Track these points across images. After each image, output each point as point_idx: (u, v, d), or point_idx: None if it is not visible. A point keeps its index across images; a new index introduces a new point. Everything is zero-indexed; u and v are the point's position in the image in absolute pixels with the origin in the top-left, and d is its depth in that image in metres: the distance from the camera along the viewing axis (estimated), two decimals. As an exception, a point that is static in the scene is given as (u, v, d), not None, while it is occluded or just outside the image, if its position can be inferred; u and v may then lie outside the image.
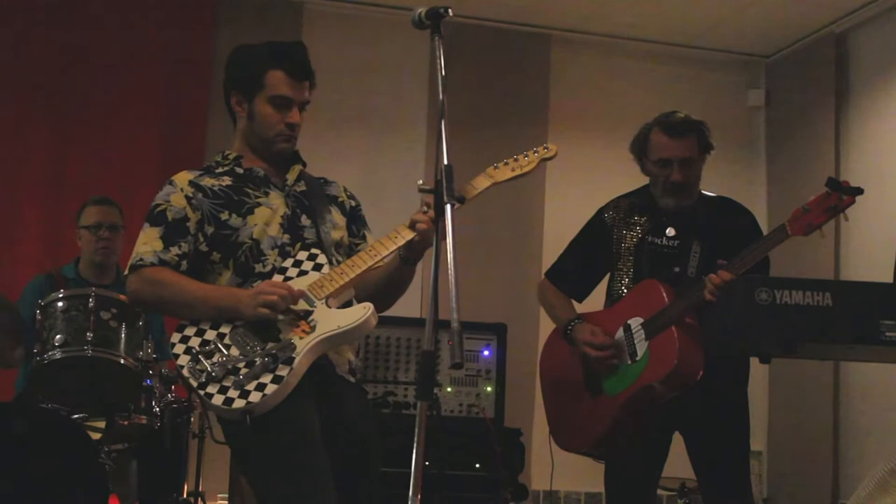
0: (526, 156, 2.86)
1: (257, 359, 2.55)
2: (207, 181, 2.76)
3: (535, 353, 4.49)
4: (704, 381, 3.24)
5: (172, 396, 4.11)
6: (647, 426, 3.41)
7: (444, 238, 2.23)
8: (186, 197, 2.72)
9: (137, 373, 3.86)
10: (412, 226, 2.63)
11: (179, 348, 2.61)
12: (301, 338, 2.53)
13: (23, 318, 4.04)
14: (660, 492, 4.01)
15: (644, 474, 3.50)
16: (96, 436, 3.85)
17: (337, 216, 2.90)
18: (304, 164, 2.85)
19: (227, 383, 2.53)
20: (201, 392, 2.54)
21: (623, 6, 5.64)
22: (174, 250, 2.70)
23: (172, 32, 5.52)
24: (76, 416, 3.82)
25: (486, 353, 4.47)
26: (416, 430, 2.13)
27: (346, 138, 5.53)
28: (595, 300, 3.67)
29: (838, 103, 5.69)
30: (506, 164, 2.84)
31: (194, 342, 2.61)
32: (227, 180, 2.78)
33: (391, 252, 2.68)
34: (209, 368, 2.55)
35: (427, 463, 2.34)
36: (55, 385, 3.87)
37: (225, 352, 2.57)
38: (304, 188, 2.77)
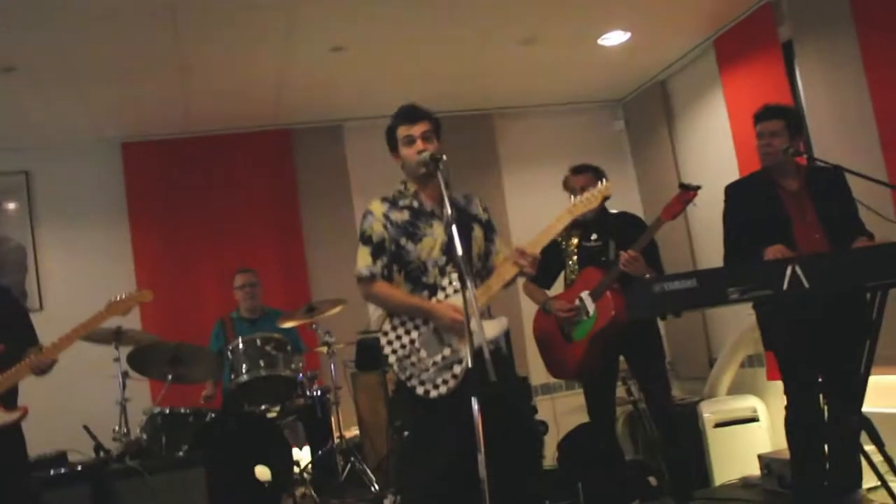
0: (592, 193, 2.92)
1: (439, 361, 2.67)
2: (395, 215, 2.85)
3: (517, 325, 5.41)
4: (634, 325, 3.60)
5: (316, 385, 4.77)
6: (604, 355, 3.79)
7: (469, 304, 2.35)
8: (383, 225, 2.84)
9: (293, 378, 4.52)
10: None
11: (387, 348, 2.75)
12: (464, 346, 2.65)
13: (215, 356, 4.56)
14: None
15: (606, 381, 3.94)
16: (273, 415, 4.53)
17: (478, 232, 2.94)
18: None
19: (423, 377, 2.69)
20: (407, 383, 2.71)
21: (537, 87, 6.08)
22: (379, 263, 2.82)
23: (264, 162, 5.97)
24: (262, 407, 4.46)
25: None
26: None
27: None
28: (556, 288, 4.05)
29: (669, 126, 6.12)
30: (580, 202, 2.90)
31: (396, 344, 2.74)
32: (406, 215, 2.84)
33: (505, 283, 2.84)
34: (410, 368, 2.71)
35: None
36: (247, 394, 4.45)
37: (419, 352, 2.70)
38: (455, 216, 2.62)
